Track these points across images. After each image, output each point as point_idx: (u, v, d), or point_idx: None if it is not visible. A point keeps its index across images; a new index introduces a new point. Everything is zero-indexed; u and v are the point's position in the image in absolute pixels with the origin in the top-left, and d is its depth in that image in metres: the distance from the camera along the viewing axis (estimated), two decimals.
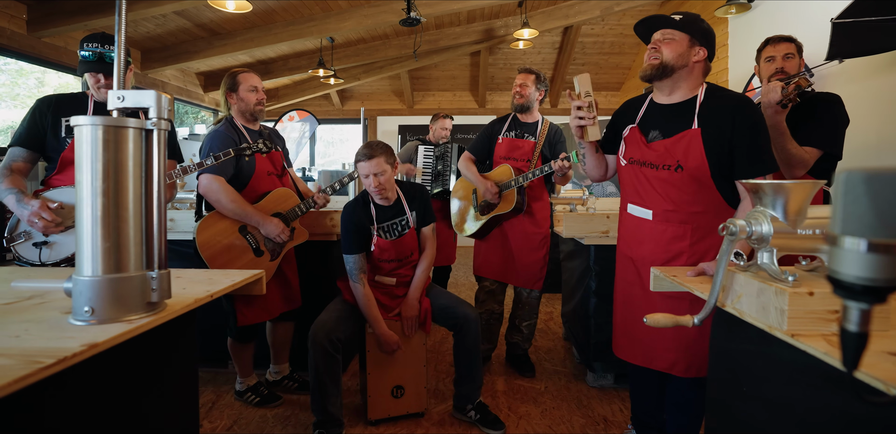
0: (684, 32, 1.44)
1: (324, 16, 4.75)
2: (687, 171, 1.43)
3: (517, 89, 2.43)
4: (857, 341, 0.45)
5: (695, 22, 1.45)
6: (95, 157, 0.81)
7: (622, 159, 1.61)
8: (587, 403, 2.20)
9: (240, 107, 2.06)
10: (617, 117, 1.69)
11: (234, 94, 2.05)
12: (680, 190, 1.45)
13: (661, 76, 1.47)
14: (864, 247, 0.40)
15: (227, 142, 1.96)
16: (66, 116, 1.79)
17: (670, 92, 1.51)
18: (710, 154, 1.40)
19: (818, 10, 3.02)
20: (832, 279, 0.43)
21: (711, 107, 1.43)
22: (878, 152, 2.60)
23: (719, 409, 1.14)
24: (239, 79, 2.04)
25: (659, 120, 1.53)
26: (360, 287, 1.92)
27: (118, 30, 0.92)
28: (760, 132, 1.39)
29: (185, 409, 1.12)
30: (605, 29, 6.04)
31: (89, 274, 0.81)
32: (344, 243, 1.96)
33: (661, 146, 1.48)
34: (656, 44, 1.47)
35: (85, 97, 1.85)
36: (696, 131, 1.42)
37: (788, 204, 0.88)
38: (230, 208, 1.91)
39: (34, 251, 1.68)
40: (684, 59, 1.44)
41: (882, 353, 0.70)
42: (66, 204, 1.69)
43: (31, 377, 0.59)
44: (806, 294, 0.81)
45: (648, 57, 1.48)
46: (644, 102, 1.60)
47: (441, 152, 3.37)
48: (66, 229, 1.67)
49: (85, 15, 3.81)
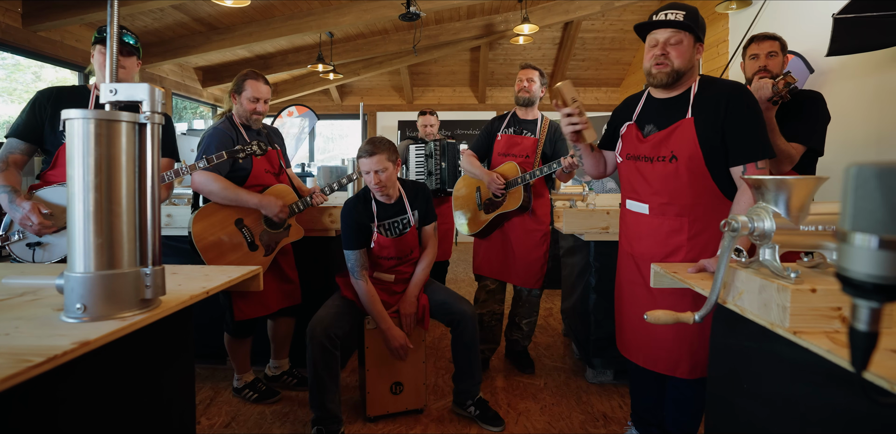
0: (691, 33, 1.41)
1: (323, 10, 4.72)
2: (681, 162, 1.42)
3: (524, 84, 2.43)
4: (866, 341, 0.44)
5: (696, 19, 1.42)
6: (87, 152, 0.80)
7: (619, 157, 1.61)
8: (586, 399, 2.20)
9: (238, 111, 2.07)
10: (616, 115, 1.68)
11: (238, 97, 2.05)
12: (675, 181, 1.45)
13: (674, 82, 1.45)
14: (876, 243, 0.38)
15: (225, 140, 1.95)
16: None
17: (672, 89, 1.50)
18: (704, 142, 1.39)
19: (818, 5, 3.00)
20: (841, 277, 0.42)
21: (706, 96, 1.43)
22: (877, 147, 2.59)
23: (719, 406, 1.13)
24: (245, 85, 2.03)
25: (654, 114, 1.52)
26: (363, 284, 1.91)
27: (110, 21, 0.90)
28: (754, 117, 1.38)
29: (182, 406, 1.11)
30: (606, 24, 6.00)
31: (81, 270, 0.79)
32: (344, 239, 1.95)
33: (655, 139, 1.48)
34: (664, 48, 1.42)
35: (86, 91, 1.83)
36: (689, 120, 1.41)
37: (791, 200, 0.87)
38: (224, 195, 1.91)
39: (28, 251, 1.67)
40: (691, 61, 1.44)
41: (886, 350, 0.69)
42: (58, 205, 1.68)
43: (19, 376, 0.58)
44: (808, 291, 0.80)
45: (655, 62, 1.44)
46: (641, 98, 1.59)
47: (430, 150, 3.37)
48: (58, 230, 1.66)
49: (80, 8, 3.78)
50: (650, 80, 1.48)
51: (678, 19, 1.39)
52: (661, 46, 1.42)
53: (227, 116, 2.07)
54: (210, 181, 1.89)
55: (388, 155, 1.88)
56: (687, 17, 1.39)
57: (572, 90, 1.47)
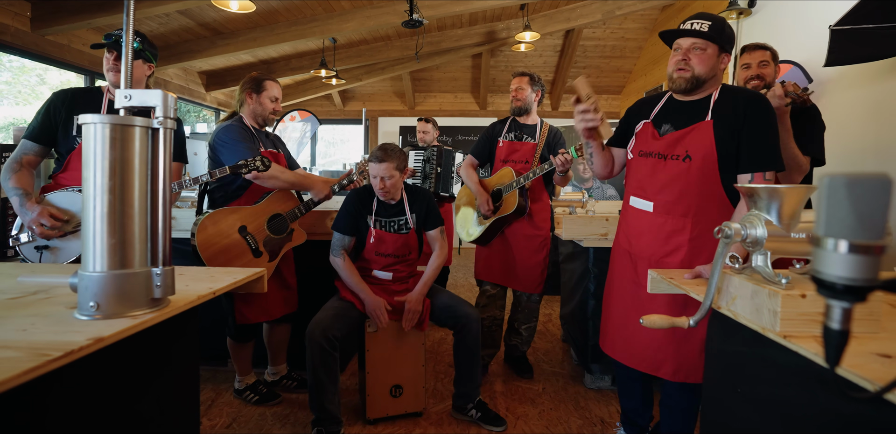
0: (715, 43, 1.42)
1: (326, 16, 4.77)
2: (695, 162, 1.44)
3: (514, 93, 2.47)
4: (838, 339, 0.47)
5: (722, 30, 1.42)
6: (103, 155, 0.83)
7: (630, 153, 1.63)
8: (584, 404, 2.21)
9: (255, 109, 2.09)
10: (630, 114, 1.69)
11: (256, 96, 2.07)
12: (685, 181, 1.46)
13: (694, 89, 1.47)
14: (846, 248, 0.42)
15: (245, 134, 1.99)
16: (79, 113, 1.80)
17: (693, 94, 1.51)
18: (720, 145, 1.41)
19: (818, 15, 3.04)
20: (816, 279, 0.45)
21: (726, 102, 1.44)
22: (875, 157, 2.62)
23: (714, 410, 1.15)
24: (266, 85, 2.08)
25: (673, 114, 1.54)
26: (340, 261, 2.01)
27: (126, 29, 0.93)
28: (770, 128, 1.39)
29: (187, 405, 1.13)
30: (607, 32, 6.06)
31: (95, 269, 0.82)
32: (337, 220, 2.05)
33: (672, 137, 1.49)
34: (686, 54, 1.44)
35: (100, 92, 1.86)
36: (709, 123, 1.43)
37: (783, 208, 0.90)
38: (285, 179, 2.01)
39: (36, 254, 1.71)
40: (714, 70, 1.45)
41: (871, 354, 0.72)
42: (67, 210, 1.71)
43: (39, 369, 0.60)
44: (798, 296, 0.83)
45: (676, 67, 1.46)
46: (661, 99, 1.60)
47: (428, 156, 3.44)
48: (65, 235, 1.69)
49: (89, 13, 3.83)
50: (671, 84, 1.50)
51: (702, 30, 1.40)
52: (684, 52, 1.45)
53: (238, 118, 2.08)
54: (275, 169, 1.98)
55: (397, 163, 1.94)
56: (713, 27, 1.41)
57: (587, 86, 1.48)
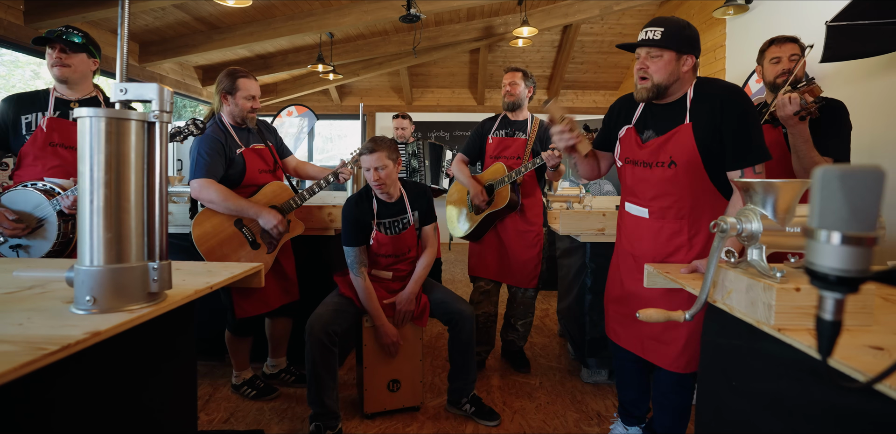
0: (670, 49, 1.41)
1: (323, 11, 4.75)
2: (680, 167, 1.45)
3: (507, 89, 2.46)
4: (831, 329, 0.47)
5: (677, 34, 1.41)
6: (98, 149, 0.82)
7: (618, 160, 1.64)
8: (581, 399, 2.23)
9: (232, 111, 2.04)
10: (611, 115, 1.69)
11: (230, 97, 2.02)
12: (675, 186, 1.47)
13: (658, 96, 1.47)
14: (839, 239, 0.42)
15: (215, 146, 1.95)
16: (25, 114, 1.87)
17: (666, 99, 1.51)
18: (702, 146, 1.41)
19: (815, 11, 3.04)
20: (809, 271, 0.46)
21: (701, 99, 1.44)
22: (870, 153, 2.63)
23: (709, 402, 1.16)
24: (238, 84, 2.01)
25: (652, 119, 1.54)
26: (361, 280, 1.94)
27: (121, 22, 0.92)
28: (749, 120, 1.38)
29: (185, 399, 1.14)
30: (605, 28, 6.05)
31: (91, 264, 0.82)
32: (344, 235, 1.99)
33: (654, 144, 1.50)
34: (643, 63, 1.45)
35: (46, 94, 1.91)
36: (688, 126, 1.43)
37: (778, 202, 0.90)
38: (225, 206, 1.93)
39: (13, 254, 1.77)
40: (675, 75, 1.44)
41: (864, 346, 0.72)
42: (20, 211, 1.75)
43: (36, 363, 0.60)
44: (793, 290, 0.83)
45: (638, 76, 1.47)
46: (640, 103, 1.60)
47: (413, 150, 3.46)
48: (32, 231, 1.76)
49: (82, 6, 3.80)
50: (636, 95, 1.51)
51: (654, 38, 1.41)
52: (642, 61, 1.46)
53: (216, 118, 2.05)
54: (211, 191, 1.90)
55: (388, 153, 1.92)
56: (665, 33, 1.40)
57: (560, 109, 1.50)
